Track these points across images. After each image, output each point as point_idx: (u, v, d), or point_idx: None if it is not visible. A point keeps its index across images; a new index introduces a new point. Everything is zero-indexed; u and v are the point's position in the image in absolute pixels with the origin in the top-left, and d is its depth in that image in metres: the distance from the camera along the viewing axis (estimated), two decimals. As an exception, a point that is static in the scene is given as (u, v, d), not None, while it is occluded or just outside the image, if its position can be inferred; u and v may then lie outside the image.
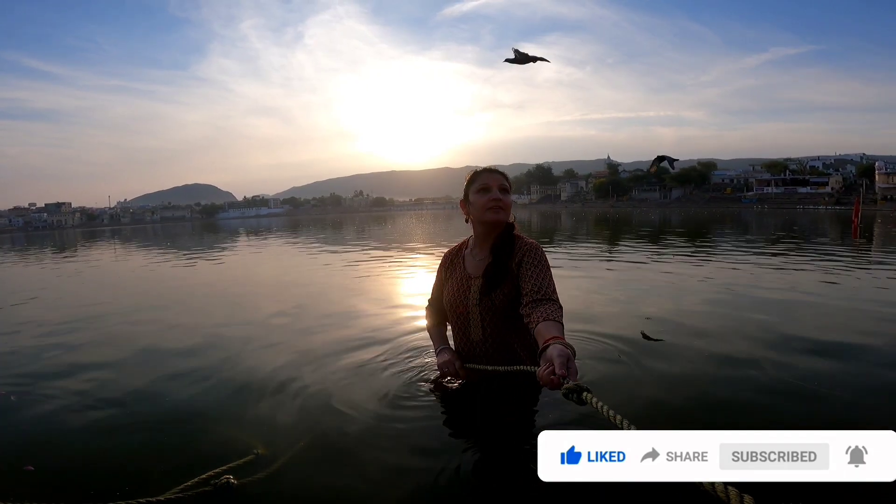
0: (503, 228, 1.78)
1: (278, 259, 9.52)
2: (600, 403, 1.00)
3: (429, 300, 2.03)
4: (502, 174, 1.81)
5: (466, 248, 1.89)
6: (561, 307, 1.56)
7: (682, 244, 9.57)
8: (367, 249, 10.17)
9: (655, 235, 12.35)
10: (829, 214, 28.66)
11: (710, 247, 8.87)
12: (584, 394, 1.05)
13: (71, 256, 12.80)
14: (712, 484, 0.78)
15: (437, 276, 2.01)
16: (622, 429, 0.91)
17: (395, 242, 12.22)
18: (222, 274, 7.32)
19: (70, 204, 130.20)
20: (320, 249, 10.80)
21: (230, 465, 1.46)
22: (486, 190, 1.75)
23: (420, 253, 9.09)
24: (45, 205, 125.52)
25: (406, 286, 5.14)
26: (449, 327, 1.97)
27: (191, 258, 10.08)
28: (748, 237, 11.38)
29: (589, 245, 9.85)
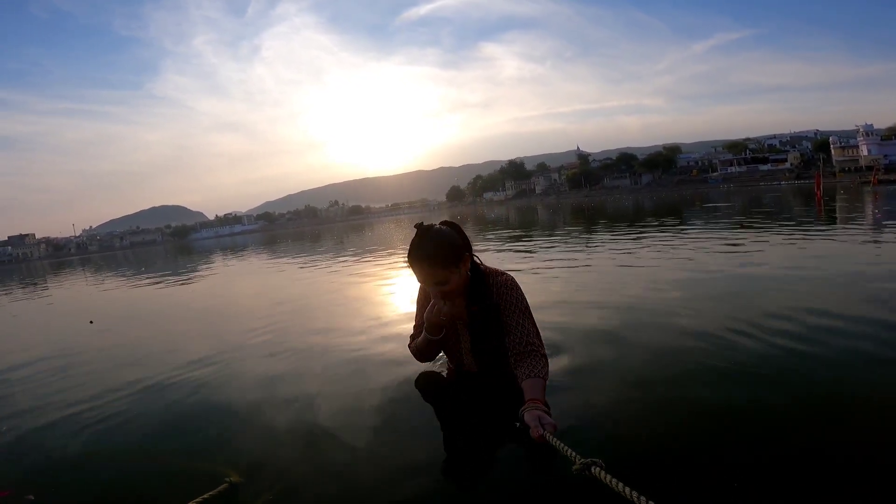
0: (471, 280, 1.72)
1: (261, 276, 9.30)
2: (609, 477, 1.04)
3: (411, 336, 1.92)
4: (432, 262, 1.61)
5: None
6: (545, 356, 1.63)
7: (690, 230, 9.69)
8: (354, 259, 10.03)
9: (649, 223, 12.50)
10: (792, 189, 29.52)
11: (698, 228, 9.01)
12: (594, 468, 1.09)
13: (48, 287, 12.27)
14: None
15: (419, 304, 1.89)
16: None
17: (377, 248, 12.09)
18: (199, 294, 7.11)
19: (34, 235, 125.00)
20: (301, 263, 10.61)
21: (202, 497, 1.39)
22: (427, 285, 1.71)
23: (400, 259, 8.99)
24: (9, 237, 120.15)
25: (390, 296, 5.06)
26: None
27: (171, 281, 9.78)
28: (723, 218, 11.62)
29: (591, 241, 9.91)
